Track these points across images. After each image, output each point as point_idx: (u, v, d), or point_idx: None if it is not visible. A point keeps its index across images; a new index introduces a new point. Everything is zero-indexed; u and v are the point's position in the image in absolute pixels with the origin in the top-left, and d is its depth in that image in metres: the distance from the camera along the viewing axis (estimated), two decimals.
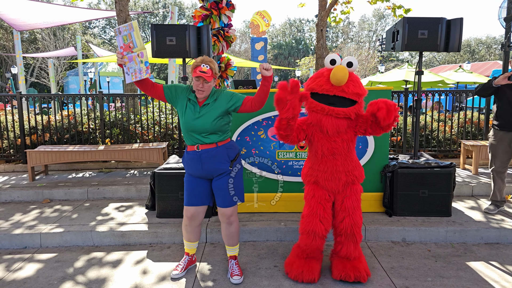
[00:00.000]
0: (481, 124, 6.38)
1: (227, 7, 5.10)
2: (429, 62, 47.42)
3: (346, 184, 2.85)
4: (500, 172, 4.10)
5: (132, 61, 2.78)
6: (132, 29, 2.75)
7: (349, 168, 2.82)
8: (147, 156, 5.41)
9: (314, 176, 2.90)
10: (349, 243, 2.89)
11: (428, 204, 4.03)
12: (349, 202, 2.85)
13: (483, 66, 22.77)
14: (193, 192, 2.93)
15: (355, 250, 2.91)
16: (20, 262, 3.41)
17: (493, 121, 4.12)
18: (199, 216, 3.00)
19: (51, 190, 4.95)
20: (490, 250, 3.52)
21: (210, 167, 2.84)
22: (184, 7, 48.95)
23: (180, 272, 3.09)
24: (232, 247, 3.08)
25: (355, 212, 2.86)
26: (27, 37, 33.32)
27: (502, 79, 3.84)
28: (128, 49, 2.78)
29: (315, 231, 2.85)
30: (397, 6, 9.43)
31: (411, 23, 4.05)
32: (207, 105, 2.79)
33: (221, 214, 2.98)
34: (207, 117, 2.77)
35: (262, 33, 22.74)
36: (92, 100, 6.57)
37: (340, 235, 2.91)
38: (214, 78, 2.76)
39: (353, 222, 2.85)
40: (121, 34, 2.78)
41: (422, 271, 3.13)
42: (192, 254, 3.22)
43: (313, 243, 2.88)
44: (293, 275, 2.97)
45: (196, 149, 2.83)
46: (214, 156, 2.82)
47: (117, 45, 2.81)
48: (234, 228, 3.00)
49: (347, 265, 2.90)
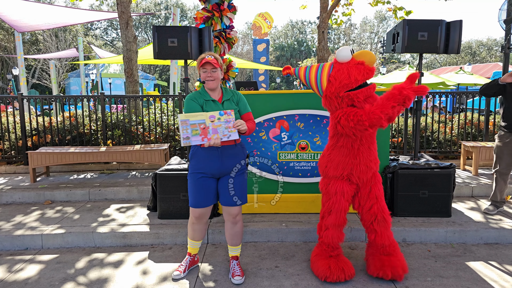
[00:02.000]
0: (481, 126, 6.39)
1: (229, 9, 5.12)
2: (430, 64, 47.42)
3: (367, 173, 2.91)
4: (504, 174, 4.10)
5: (217, 129, 2.63)
6: (187, 121, 2.60)
7: (371, 158, 2.90)
8: (148, 157, 5.44)
9: (348, 169, 2.87)
10: (381, 229, 2.93)
11: (428, 204, 4.04)
12: (376, 189, 2.95)
13: (484, 68, 22.77)
14: (203, 192, 2.87)
15: (389, 237, 2.95)
16: (21, 263, 3.43)
17: (500, 123, 4.12)
18: (206, 215, 3.03)
19: (52, 191, 4.97)
20: (489, 250, 3.53)
21: (229, 164, 2.87)
22: (186, 8, 49.06)
23: (182, 273, 3.10)
24: (235, 247, 3.09)
25: (380, 199, 2.95)
26: (29, 39, 33.42)
27: (508, 76, 3.85)
28: (205, 131, 2.62)
29: (341, 224, 2.95)
30: (398, 8, 9.46)
31: (411, 25, 4.07)
32: (227, 100, 2.88)
33: (227, 213, 2.97)
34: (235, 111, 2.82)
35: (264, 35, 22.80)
36: (94, 102, 6.59)
37: (371, 223, 2.95)
38: (220, 68, 2.82)
39: (381, 207, 2.93)
40: (188, 131, 2.60)
41: (422, 271, 3.14)
42: (194, 254, 3.23)
43: (340, 236, 2.97)
44: (335, 277, 2.89)
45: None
46: (234, 154, 2.88)
47: (200, 137, 2.62)
48: (238, 227, 3.03)
49: (385, 261, 2.91)
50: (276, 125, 4.10)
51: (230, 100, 2.89)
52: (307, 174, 4.13)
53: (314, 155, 4.11)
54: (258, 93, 4.14)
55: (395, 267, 2.89)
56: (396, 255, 2.97)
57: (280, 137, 4.11)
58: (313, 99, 4.05)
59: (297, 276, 3.07)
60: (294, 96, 4.08)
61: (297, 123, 4.08)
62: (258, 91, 4.18)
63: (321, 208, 3.06)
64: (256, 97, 4.05)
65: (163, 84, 32.31)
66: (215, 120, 2.62)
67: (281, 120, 4.09)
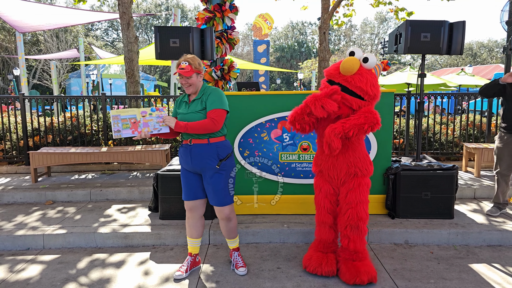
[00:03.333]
0: (483, 127, 6.38)
1: (230, 10, 5.12)
2: (431, 65, 47.43)
3: (348, 175, 2.87)
4: (505, 175, 4.09)
5: (148, 123, 2.93)
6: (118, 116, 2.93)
7: (351, 160, 2.85)
8: (150, 158, 5.43)
9: (319, 165, 3.00)
10: (354, 236, 2.90)
11: (431, 206, 4.03)
12: (353, 195, 2.88)
13: (485, 69, 22.79)
14: (187, 186, 3.04)
15: (361, 243, 2.93)
16: (23, 263, 3.42)
17: (500, 124, 4.11)
18: (198, 209, 3.09)
19: (54, 191, 4.96)
20: (492, 252, 3.52)
21: (198, 162, 2.92)
22: (187, 9, 49.10)
23: (183, 274, 3.10)
24: (232, 240, 3.19)
25: (358, 205, 2.88)
26: (30, 39, 33.44)
27: (509, 76, 3.84)
28: (135, 125, 2.92)
29: (325, 221, 3.04)
30: (399, 8, 9.46)
31: (413, 26, 4.07)
32: (195, 100, 2.94)
33: (217, 211, 3.05)
34: (194, 111, 2.90)
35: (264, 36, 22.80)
36: (95, 102, 6.58)
37: (345, 228, 2.93)
38: (196, 73, 2.87)
39: (356, 215, 2.87)
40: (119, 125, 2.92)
41: (425, 273, 3.13)
42: (195, 254, 3.22)
43: (326, 233, 3.05)
44: (312, 268, 3.04)
45: (188, 143, 2.93)
46: (202, 153, 2.90)
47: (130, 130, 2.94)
48: (232, 223, 3.11)
49: (361, 268, 2.90)
50: (278, 126, 4.09)
51: (198, 100, 2.93)
52: (309, 175, 4.12)
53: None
54: (259, 93, 4.13)
55: (369, 272, 2.90)
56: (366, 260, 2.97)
57: (282, 138, 4.10)
58: None
59: (299, 278, 3.05)
60: (296, 97, 4.07)
61: None
62: (260, 92, 4.16)
63: None
64: (258, 97, 4.04)
65: (164, 84, 32.32)
66: (146, 115, 2.92)
67: (283, 121, 4.08)
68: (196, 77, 2.88)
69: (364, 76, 2.71)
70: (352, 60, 2.71)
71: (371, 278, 2.90)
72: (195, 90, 2.91)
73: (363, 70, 2.74)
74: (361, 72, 2.72)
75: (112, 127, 2.91)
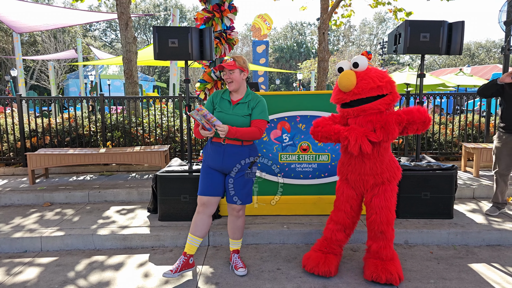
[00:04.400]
0: (482, 127, 6.38)
1: (230, 10, 5.09)
2: (430, 66, 47.48)
3: (375, 185, 2.88)
4: (503, 175, 4.08)
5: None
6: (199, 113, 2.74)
7: (378, 172, 2.84)
8: (148, 159, 5.41)
9: (345, 174, 3.00)
10: (378, 240, 2.91)
11: (430, 206, 4.02)
12: (377, 201, 2.87)
13: (483, 70, 22.84)
14: (208, 182, 3.02)
15: (385, 249, 2.89)
16: (20, 266, 3.40)
17: (499, 123, 4.11)
18: (211, 205, 3.07)
19: (51, 193, 4.94)
20: (491, 252, 3.51)
21: (230, 162, 2.95)
22: (186, 10, 49.06)
23: (171, 273, 2.95)
24: (236, 241, 3.20)
25: (382, 211, 2.86)
26: (27, 40, 33.37)
27: (507, 76, 3.84)
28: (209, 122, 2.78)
29: (342, 223, 3.03)
30: (398, 9, 9.45)
31: (413, 26, 4.05)
32: (240, 104, 2.97)
33: (231, 208, 3.08)
34: (238, 115, 2.94)
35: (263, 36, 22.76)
36: (93, 103, 6.56)
37: (370, 231, 2.95)
38: (239, 69, 2.93)
39: (380, 220, 2.86)
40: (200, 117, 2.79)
41: (424, 273, 3.12)
42: (189, 255, 3.07)
43: (339, 235, 3.03)
44: (309, 267, 3.05)
45: (222, 142, 2.94)
46: (237, 153, 2.94)
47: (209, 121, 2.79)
48: (241, 222, 3.13)
49: (379, 266, 2.88)
50: (278, 126, 4.08)
51: (244, 104, 2.97)
52: (309, 175, 4.11)
53: (316, 156, 4.09)
54: (259, 94, 4.11)
55: (391, 271, 2.85)
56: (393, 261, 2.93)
57: (281, 139, 4.09)
58: (315, 100, 4.03)
59: (299, 279, 3.04)
60: (295, 97, 4.06)
61: (299, 124, 4.06)
62: (259, 93, 4.15)
63: None
64: None
65: (162, 85, 32.27)
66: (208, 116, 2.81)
67: (283, 122, 4.07)
68: (239, 74, 2.93)
69: (367, 76, 2.70)
70: (346, 74, 2.71)
71: (391, 278, 2.82)
72: (237, 87, 2.95)
73: (362, 73, 2.72)
74: (362, 77, 2.70)
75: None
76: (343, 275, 3.09)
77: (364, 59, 2.74)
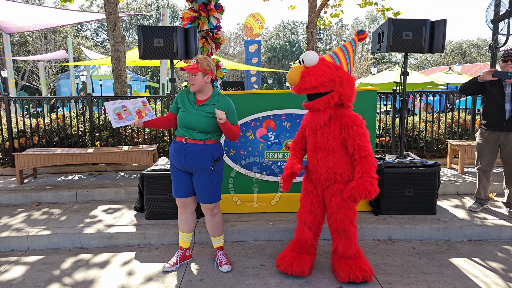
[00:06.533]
0: (468, 124, 6.47)
1: (216, 9, 5.13)
2: (421, 64, 47.81)
3: (328, 179, 2.87)
4: (485, 171, 4.16)
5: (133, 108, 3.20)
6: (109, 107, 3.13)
7: (330, 165, 2.83)
8: (137, 158, 5.42)
9: (307, 164, 3.05)
10: (341, 239, 2.91)
11: (414, 202, 4.09)
12: (336, 201, 2.87)
13: (474, 68, 23.06)
14: (176, 184, 3.08)
15: (350, 247, 2.90)
16: (6, 265, 3.40)
17: (480, 121, 4.18)
18: (189, 205, 3.15)
19: (39, 193, 4.93)
20: (472, 247, 3.59)
21: (192, 162, 2.95)
22: (178, 9, 48.90)
23: (172, 266, 3.18)
24: (217, 238, 3.23)
25: (341, 211, 2.86)
26: (18, 40, 33.07)
27: (487, 74, 3.89)
28: (127, 112, 3.13)
29: (304, 220, 3.02)
30: (386, 8, 9.54)
31: (396, 24, 4.11)
32: (204, 105, 2.96)
33: (204, 208, 3.12)
34: (202, 116, 2.93)
35: (255, 36, 22.77)
36: (82, 104, 6.55)
37: (332, 231, 2.97)
38: (202, 72, 2.91)
39: (341, 220, 2.86)
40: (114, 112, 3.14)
41: (405, 267, 3.18)
42: (185, 249, 3.30)
43: (304, 232, 3.03)
44: (282, 267, 3.04)
45: (183, 141, 2.96)
46: (198, 152, 2.94)
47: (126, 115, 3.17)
48: (217, 219, 3.16)
49: (352, 265, 2.89)
50: (263, 125, 4.11)
51: (210, 106, 2.94)
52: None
53: None
54: (244, 93, 4.15)
55: (364, 268, 2.89)
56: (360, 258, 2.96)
57: (267, 137, 4.13)
58: (299, 98, 4.07)
59: (282, 274, 3.08)
60: (280, 96, 4.10)
61: (284, 122, 4.10)
62: (245, 91, 4.19)
63: None
64: (242, 97, 4.07)
65: (155, 85, 32.15)
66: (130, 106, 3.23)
67: (268, 120, 4.11)
68: (202, 77, 2.91)
69: (307, 74, 2.67)
70: (293, 69, 2.74)
71: (366, 276, 2.87)
72: (198, 89, 2.94)
73: (306, 70, 2.69)
74: (303, 74, 2.68)
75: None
76: (325, 270, 3.14)
77: (311, 55, 2.69)
